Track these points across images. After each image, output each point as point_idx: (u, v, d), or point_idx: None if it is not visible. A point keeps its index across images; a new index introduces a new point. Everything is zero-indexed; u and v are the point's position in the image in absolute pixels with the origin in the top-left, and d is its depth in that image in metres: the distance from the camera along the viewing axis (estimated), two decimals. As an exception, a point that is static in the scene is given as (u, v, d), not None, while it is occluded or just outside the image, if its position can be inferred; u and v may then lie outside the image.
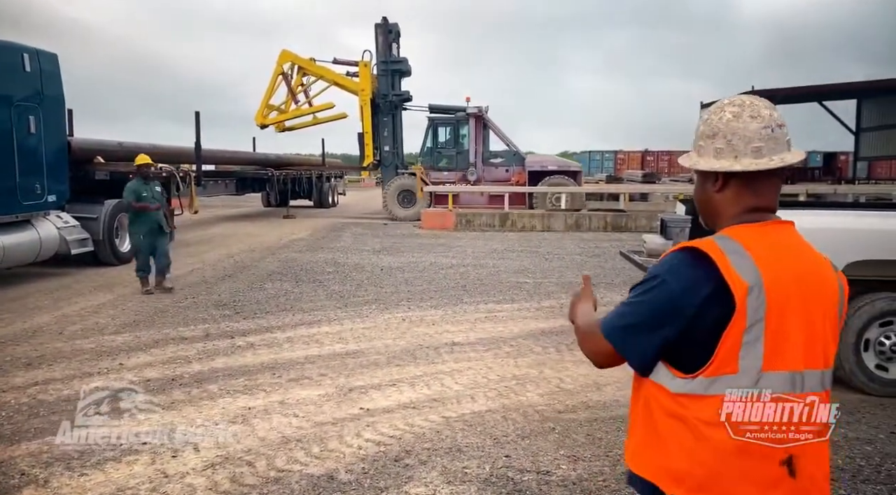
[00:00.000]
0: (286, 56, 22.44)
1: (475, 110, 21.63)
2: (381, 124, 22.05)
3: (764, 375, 1.42)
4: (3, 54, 9.21)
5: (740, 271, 1.37)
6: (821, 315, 1.45)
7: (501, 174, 22.08)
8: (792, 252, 1.47)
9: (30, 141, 9.55)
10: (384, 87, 21.80)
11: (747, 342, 1.38)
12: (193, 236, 15.91)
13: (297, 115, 23.28)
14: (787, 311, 1.39)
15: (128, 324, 7.36)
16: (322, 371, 5.77)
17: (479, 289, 9.63)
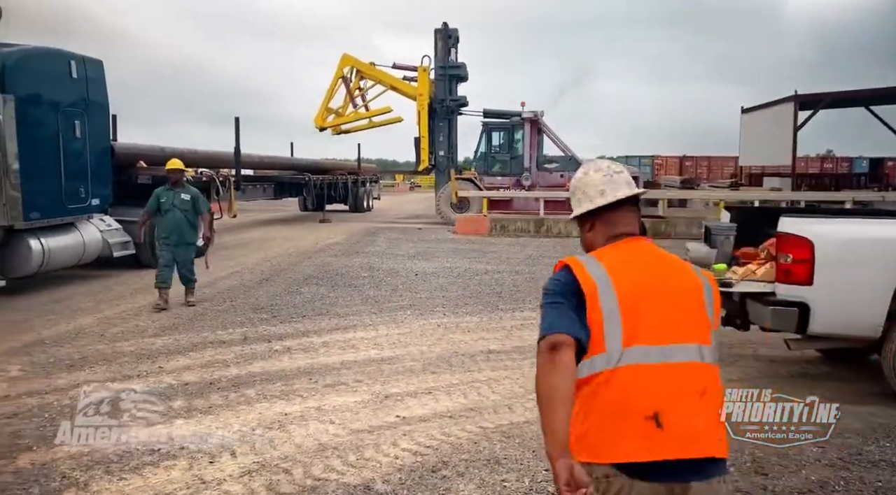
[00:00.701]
0: (347, 60, 22.52)
1: (531, 115, 21.47)
2: (437, 129, 22.06)
3: (625, 351, 1.78)
4: (50, 61, 9.45)
5: (592, 274, 1.84)
6: (686, 304, 1.88)
7: (556, 179, 21.78)
8: (643, 259, 1.94)
9: (75, 145, 9.77)
10: (441, 92, 21.80)
11: (608, 328, 1.79)
12: (232, 240, 16.11)
13: (356, 119, 23.37)
14: (642, 303, 1.82)
15: (167, 327, 7.44)
16: (358, 377, 5.75)
17: (515, 295, 9.53)
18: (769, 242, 5.50)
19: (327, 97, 22.93)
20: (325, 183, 23.19)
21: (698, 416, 1.79)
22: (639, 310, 1.82)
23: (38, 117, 9.02)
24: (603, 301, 1.80)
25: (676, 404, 1.78)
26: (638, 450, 1.74)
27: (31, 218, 8.86)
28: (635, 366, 1.78)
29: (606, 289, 1.82)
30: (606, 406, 1.78)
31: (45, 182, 9.16)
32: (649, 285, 1.87)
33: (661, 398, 1.77)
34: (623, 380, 1.77)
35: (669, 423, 1.75)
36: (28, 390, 5.26)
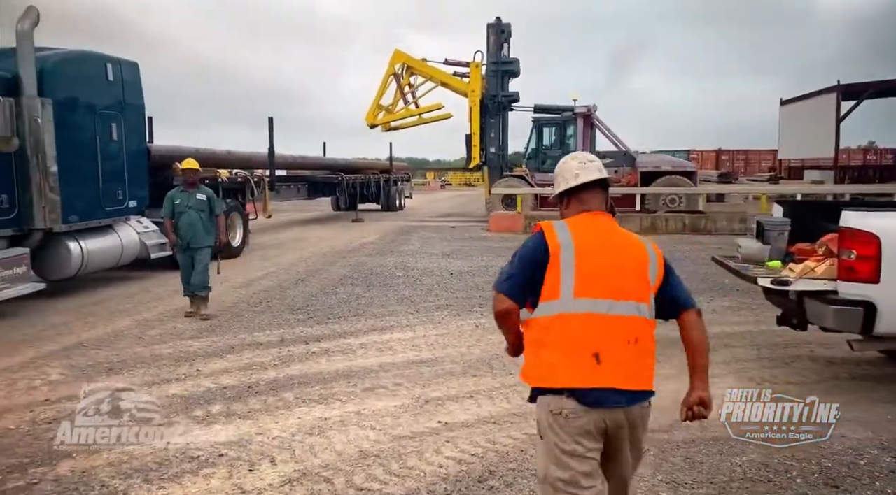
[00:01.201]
0: (399, 56, 22.33)
1: (583, 110, 21.00)
2: (489, 125, 21.78)
3: (574, 300, 2.27)
4: (87, 64, 9.50)
5: (559, 237, 2.32)
6: (630, 269, 2.34)
7: (610, 175, 21.36)
8: (602, 229, 2.42)
9: (112, 148, 9.82)
10: (493, 88, 21.53)
11: (563, 280, 2.28)
12: (267, 240, 16.16)
13: (407, 116, 23.18)
14: (592, 263, 2.30)
15: (204, 329, 7.40)
16: (397, 380, 5.61)
17: (554, 294, 9.30)
18: (828, 237, 5.20)
19: (378, 94, 22.69)
20: (358, 182, 23.19)
21: (629, 358, 2.28)
22: (590, 270, 2.31)
23: (75, 120, 9.08)
24: (563, 258, 2.31)
25: (613, 347, 2.26)
26: (582, 379, 2.24)
27: (69, 220, 8.92)
28: (584, 314, 2.27)
29: (567, 250, 2.32)
30: (558, 343, 2.28)
31: (83, 185, 9.21)
32: (602, 251, 2.36)
33: (602, 341, 2.26)
34: (573, 324, 2.27)
35: (606, 360, 2.25)
36: (68, 394, 5.22)
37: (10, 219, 8.20)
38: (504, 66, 21.63)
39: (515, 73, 22.09)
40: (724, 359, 6.17)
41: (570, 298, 2.28)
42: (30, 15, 8.21)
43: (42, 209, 8.40)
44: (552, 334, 2.29)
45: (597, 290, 2.29)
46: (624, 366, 2.27)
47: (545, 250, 2.33)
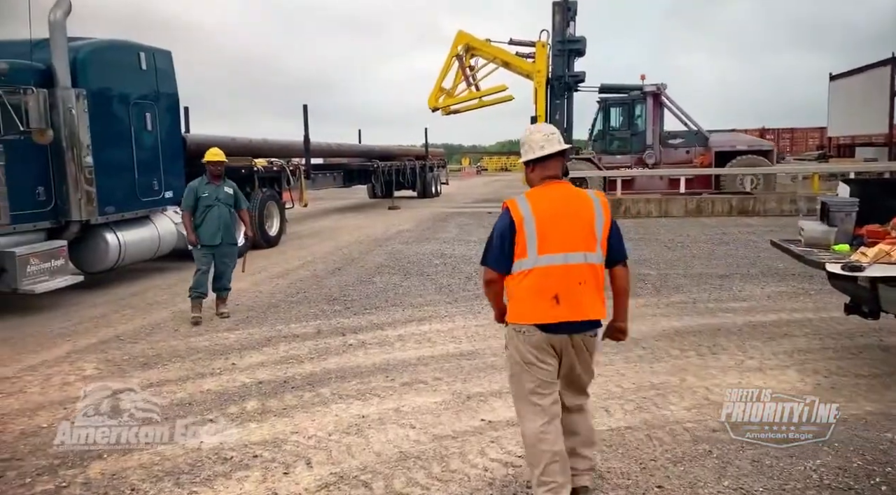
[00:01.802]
0: (462, 37, 21.67)
1: (653, 88, 20.22)
2: (554, 107, 21.08)
3: (539, 257, 2.92)
4: (120, 53, 9.42)
5: (521, 211, 2.94)
6: (579, 225, 2.95)
7: (681, 156, 20.54)
8: (557, 195, 3.00)
9: (147, 138, 9.74)
10: (559, 68, 20.85)
11: (528, 243, 2.92)
12: (304, 229, 16.07)
13: (470, 98, 22.54)
14: (549, 227, 2.92)
15: (241, 321, 7.27)
16: (437, 374, 5.37)
17: (598, 281, 8.94)
18: (905, 219, 4.77)
19: (441, 76, 22.11)
20: (393, 169, 22.97)
21: (580, 296, 2.94)
22: (548, 232, 2.94)
23: (109, 110, 9.01)
24: (526, 228, 2.94)
25: (568, 289, 2.92)
26: (546, 316, 2.92)
27: (106, 212, 8.88)
28: (545, 267, 2.92)
29: (529, 220, 2.95)
30: (527, 290, 2.95)
31: (118, 176, 9.16)
32: (557, 214, 2.97)
33: (559, 286, 2.92)
34: (538, 275, 2.93)
35: (563, 300, 2.92)
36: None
37: (47, 211, 8.17)
38: (570, 44, 20.86)
39: (581, 53, 21.31)
40: (785, 350, 5.78)
41: (536, 256, 2.95)
42: (62, 5, 8.13)
43: (78, 201, 8.36)
44: (524, 284, 2.98)
45: (554, 247, 2.94)
46: (575, 303, 2.96)
47: (511, 224, 2.98)
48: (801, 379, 5.07)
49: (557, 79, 20.90)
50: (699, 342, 6.07)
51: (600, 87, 21.70)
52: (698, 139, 20.29)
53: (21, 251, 7.58)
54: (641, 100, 20.51)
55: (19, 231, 7.77)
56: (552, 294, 2.92)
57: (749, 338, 6.19)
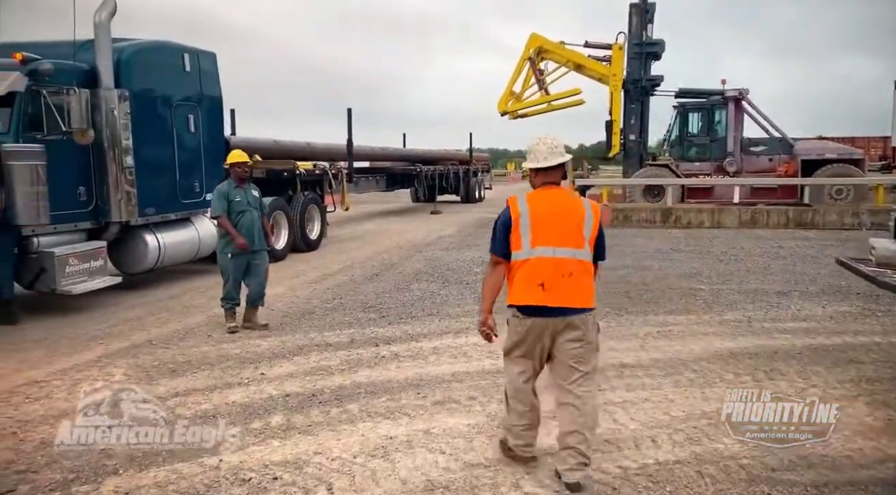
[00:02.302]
0: (535, 40, 21.11)
1: (735, 93, 19.33)
2: (629, 111, 20.54)
3: (532, 250, 3.41)
4: (163, 54, 9.42)
5: (519, 207, 3.46)
6: (570, 225, 3.44)
7: (764, 164, 19.56)
8: (552, 198, 3.53)
9: (189, 139, 9.72)
10: (635, 71, 20.33)
11: (522, 237, 3.43)
12: (344, 233, 15.97)
13: (542, 102, 21.94)
14: (542, 224, 3.42)
15: (275, 327, 7.12)
16: (471, 392, 5.08)
17: (645, 296, 8.54)
18: None
19: (512, 80, 21.59)
20: (437, 173, 22.78)
21: (566, 286, 3.38)
22: (541, 228, 3.41)
23: (151, 111, 9.01)
24: (522, 223, 3.43)
25: (553, 279, 3.37)
26: (530, 298, 3.39)
27: (146, 213, 8.86)
28: (537, 258, 3.39)
29: (525, 216, 3.44)
30: (520, 278, 3.42)
31: (159, 177, 9.15)
32: (550, 214, 3.45)
33: (546, 275, 3.37)
34: (530, 265, 3.40)
35: (548, 288, 3.37)
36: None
37: (88, 211, 8.18)
38: (648, 47, 20.29)
39: (658, 56, 20.72)
40: (851, 378, 5.31)
41: (529, 248, 3.43)
42: (107, 5, 8.14)
43: (118, 202, 8.35)
44: (520, 272, 3.46)
45: (545, 241, 3.42)
46: (559, 292, 3.39)
47: (509, 218, 3.50)
48: (870, 413, 4.62)
49: (633, 82, 20.27)
50: (755, 366, 5.64)
51: (678, 92, 20.93)
52: (782, 146, 19.31)
53: (60, 251, 7.58)
54: (722, 105, 19.59)
55: (60, 231, 7.78)
56: (539, 281, 3.41)
57: (810, 363, 5.72)
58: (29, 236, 7.39)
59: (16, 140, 7.13)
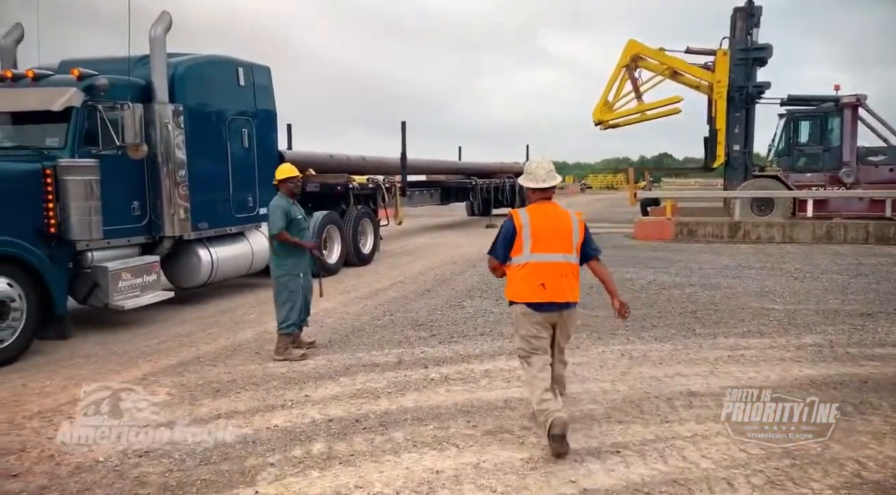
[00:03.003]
0: (633, 46, 20.55)
1: (852, 99, 18.16)
2: (733, 120, 19.58)
3: (532, 255, 4.14)
4: (217, 69, 9.44)
5: (521, 219, 4.23)
6: (562, 235, 4.20)
7: (884, 174, 18.24)
8: (548, 212, 4.26)
9: (242, 154, 9.70)
10: (741, 78, 19.41)
11: (524, 244, 4.17)
12: (397, 247, 15.81)
13: (637, 110, 21.27)
14: (541, 233, 4.17)
15: (323, 345, 6.92)
16: (524, 422, 4.72)
17: (714, 316, 7.99)
18: None
19: (608, 88, 20.99)
20: (492, 186, 22.45)
21: (561, 285, 4.17)
22: (539, 237, 4.19)
23: (205, 126, 9.01)
24: (524, 233, 4.20)
25: (551, 279, 4.15)
26: (536, 297, 4.16)
27: (199, 228, 8.85)
28: (536, 262, 4.17)
29: (526, 227, 4.21)
30: (522, 278, 4.20)
31: (213, 192, 9.13)
32: (546, 225, 4.24)
33: (545, 276, 4.16)
34: (531, 268, 4.18)
35: (548, 287, 4.14)
36: (168, 420, 4.82)
37: (142, 226, 8.20)
38: (754, 53, 19.39)
39: (763, 62, 19.77)
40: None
41: (529, 253, 4.18)
42: (163, 20, 8.19)
43: (171, 216, 8.35)
44: (520, 273, 4.21)
45: (542, 248, 4.17)
46: (557, 289, 4.16)
47: (514, 229, 4.23)
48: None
49: (738, 89, 19.32)
50: (843, 397, 5.09)
51: (786, 99, 19.82)
52: None
53: (114, 266, 7.60)
54: (836, 112, 18.42)
55: (113, 246, 7.80)
56: (540, 282, 4.17)
57: (906, 395, 5.14)
58: (83, 251, 7.42)
59: (71, 155, 7.18)
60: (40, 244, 6.85)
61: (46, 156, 7.09)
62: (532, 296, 4.18)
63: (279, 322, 6.51)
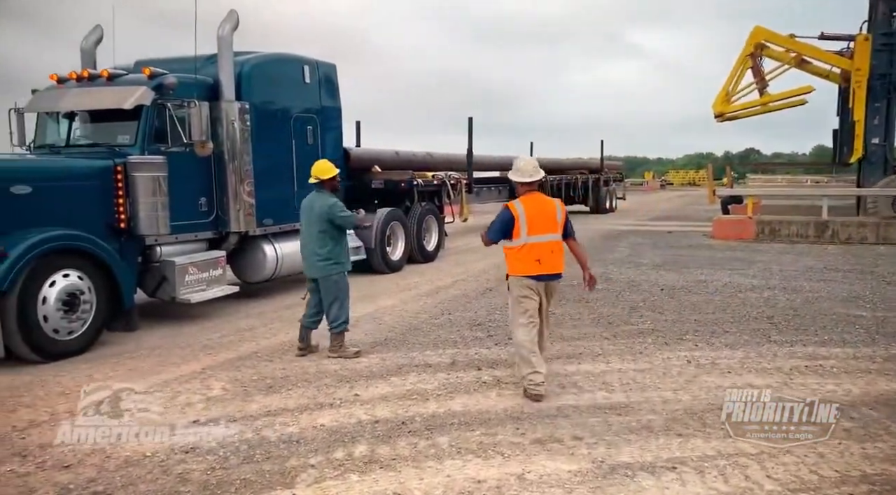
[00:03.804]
0: (760, 33, 19.50)
1: None
2: (872, 110, 18.22)
3: (529, 237, 5.10)
4: (284, 67, 9.55)
5: (517, 209, 5.16)
6: (550, 218, 5.18)
7: None
8: (537, 201, 5.24)
9: (307, 151, 9.76)
10: (883, 65, 18.04)
11: (521, 229, 5.11)
12: (462, 244, 15.67)
13: (761, 102, 20.29)
14: (534, 219, 5.12)
15: (378, 343, 6.88)
16: (577, 431, 4.50)
17: (793, 322, 7.47)
18: None
19: (730, 78, 20.05)
20: (563, 182, 21.99)
21: (552, 259, 5.12)
22: (533, 222, 5.08)
23: (271, 123, 9.13)
24: (520, 219, 5.07)
25: (545, 255, 5.09)
26: (533, 270, 5.09)
27: (264, 224, 8.99)
28: (532, 243, 5.07)
29: (522, 215, 5.08)
30: (521, 256, 5.10)
31: (278, 188, 9.25)
32: (537, 211, 5.12)
33: (540, 253, 5.08)
34: (528, 248, 5.07)
35: (542, 262, 5.08)
36: (218, 415, 4.87)
37: (209, 222, 8.39)
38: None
39: None
40: None
41: (526, 235, 5.09)
42: (230, 19, 8.34)
43: (237, 212, 8.50)
44: (520, 253, 5.12)
45: (536, 230, 5.10)
46: (549, 263, 5.12)
47: (511, 216, 5.11)
48: None
49: (880, 78, 17.95)
50: (934, 418, 4.61)
51: None
52: None
53: (181, 261, 7.79)
54: None
55: (181, 241, 8.01)
56: (536, 258, 5.10)
57: None
58: (152, 245, 7.65)
59: (141, 152, 7.40)
60: (111, 239, 7.09)
61: (117, 154, 7.34)
62: (531, 271, 5.12)
63: (330, 321, 6.47)
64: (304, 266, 6.70)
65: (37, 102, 8.17)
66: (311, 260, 6.52)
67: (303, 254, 6.69)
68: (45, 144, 8.13)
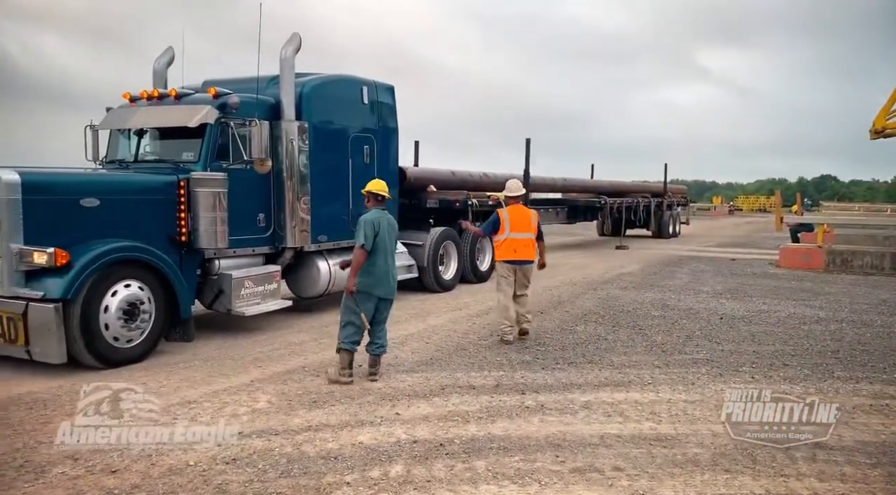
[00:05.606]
0: None
1: None
2: None
3: (510, 233, 7.82)
4: (343, 87, 9.75)
5: (503, 215, 7.92)
6: (527, 222, 7.94)
7: None
8: (518, 210, 8.02)
9: (364, 170, 9.90)
10: None
11: (505, 228, 7.85)
12: (519, 265, 15.57)
13: None
14: (515, 222, 7.87)
15: (423, 362, 6.87)
16: (619, 462, 4.37)
17: (860, 357, 7.10)
18: None
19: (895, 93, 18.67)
20: (624, 206, 21.60)
21: (525, 250, 7.85)
22: (514, 223, 7.83)
23: (329, 142, 9.32)
24: (504, 222, 7.84)
25: (520, 247, 7.82)
26: (511, 256, 7.84)
27: (318, 240, 9.15)
28: (512, 238, 7.80)
29: (506, 218, 7.84)
30: (505, 247, 7.88)
31: (333, 206, 9.42)
32: (517, 217, 7.89)
33: (517, 246, 7.82)
34: (508, 241, 7.83)
35: (518, 252, 7.82)
36: (262, 428, 4.94)
37: (266, 237, 8.60)
38: None
39: None
40: None
41: (508, 232, 7.74)
42: (293, 41, 8.59)
43: (293, 228, 8.69)
44: (503, 245, 7.83)
45: (516, 229, 7.74)
46: (522, 253, 7.79)
47: (499, 219, 7.82)
48: None
49: None
50: None
51: None
52: None
53: (238, 274, 8.01)
54: None
55: (239, 255, 8.24)
56: (514, 249, 7.68)
57: None
58: (211, 258, 7.90)
59: (204, 168, 7.67)
60: (172, 251, 7.36)
61: (181, 169, 7.63)
62: (509, 257, 7.76)
63: (383, 341, 6.42)
64: (384, 288, 6.28)
65: (109, 120, 8.60)
66: (392, 281, 6.42)
67: (383, 272, 6.31)
68: (115, 159, 8.54)
